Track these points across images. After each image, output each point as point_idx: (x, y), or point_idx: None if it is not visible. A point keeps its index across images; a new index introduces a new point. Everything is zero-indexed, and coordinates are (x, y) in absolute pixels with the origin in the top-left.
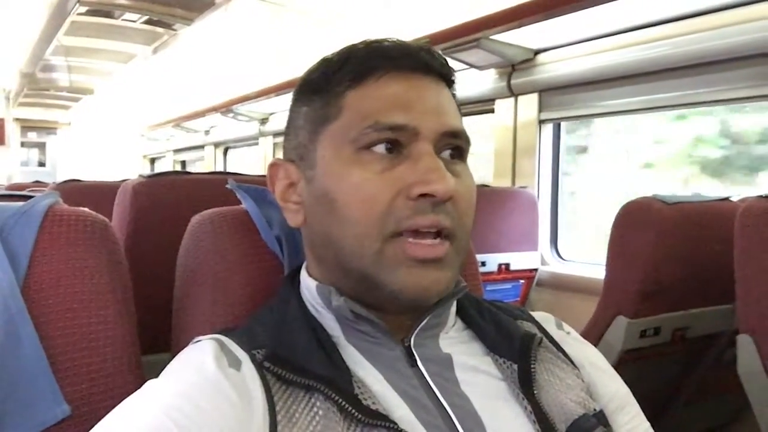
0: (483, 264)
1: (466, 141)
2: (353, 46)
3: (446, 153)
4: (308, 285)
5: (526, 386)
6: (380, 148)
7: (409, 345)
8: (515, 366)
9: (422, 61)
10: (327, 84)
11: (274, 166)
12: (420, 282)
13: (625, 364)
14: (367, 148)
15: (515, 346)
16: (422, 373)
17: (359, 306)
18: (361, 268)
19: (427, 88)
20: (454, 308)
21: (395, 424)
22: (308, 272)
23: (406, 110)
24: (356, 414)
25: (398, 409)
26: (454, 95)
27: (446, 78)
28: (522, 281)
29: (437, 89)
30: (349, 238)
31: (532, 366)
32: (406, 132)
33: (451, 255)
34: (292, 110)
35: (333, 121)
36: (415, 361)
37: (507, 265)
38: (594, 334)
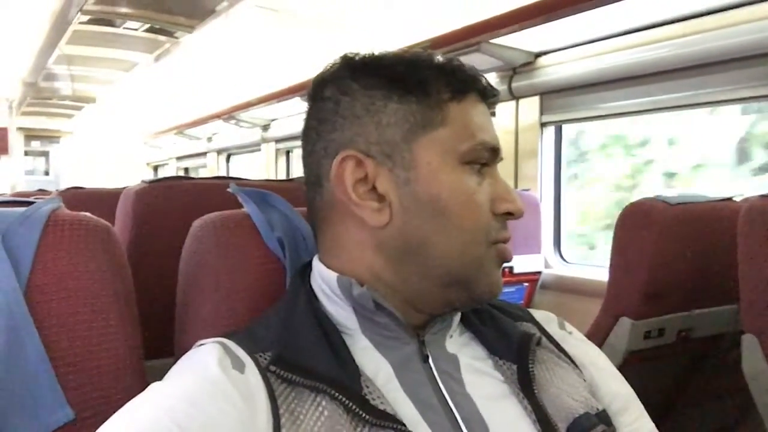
0: None
1: None
2: (434, 57)
3: None
4: (326, 277)
5: (525, 386)
6: (477, 164)
7: (423, 340)
8: (515, 367)
9: (487, 90)
10: (426, 88)
11: (347, 158)
12: (499, 281)
13: (630, 366)
14: (467, 162)
15: (514, 347)
16: (432, 371)
17: (381, 297)
18: (459, 272)
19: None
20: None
21: (403, 424)
22: (326, 265)
23: (491, 134)
24: (363, 414)
25: (405, 407)
26: None
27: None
28: (526, 284)
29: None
30: (456, 244)
31: (530, 366)
32: (494, 154)
33: None
34: (369, 100)
35: (437, 128)
36: (427, 357)
37: (510, 268)
38: (598, 335)
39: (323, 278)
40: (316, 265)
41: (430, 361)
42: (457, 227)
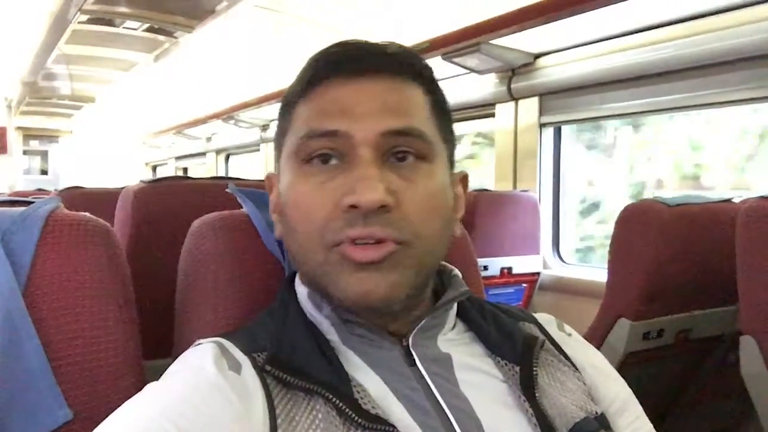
0: (485, 268)
1: (422, 138)
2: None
3: (397, 155)
4: (301, 292)
5: (527, 389)
6: (318, 158)
7: (407, 345)
8: (517, 368)
9: (365, 64)
10: (286, 98)
11: (268, 178)
12: (361, 287)
13: (628, 367)
14: (308, 160)
15: (517, 349)
16: (421, 374)
17: (349, 312)
18: (314, 277)
19: (370, 90)
20: (454, 311)
21: (394, 427)
22: (300, 279)
23: (340, 116)
24: (356, 418)
25: (396, 411)
26: (433, 92)
27: (409, 75)
28: (524, 285)
29: (385, 89)
30: (300, 250)
31: (534, 369)
32: (340, 138)
33: (399, 258)
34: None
35: (287, 134)
36: (414, 361)
37: (509, 269)
38: (597, 336)
39: (300, 292)
40: (297, 278)
41: (418, 363)
42: (296, 232)
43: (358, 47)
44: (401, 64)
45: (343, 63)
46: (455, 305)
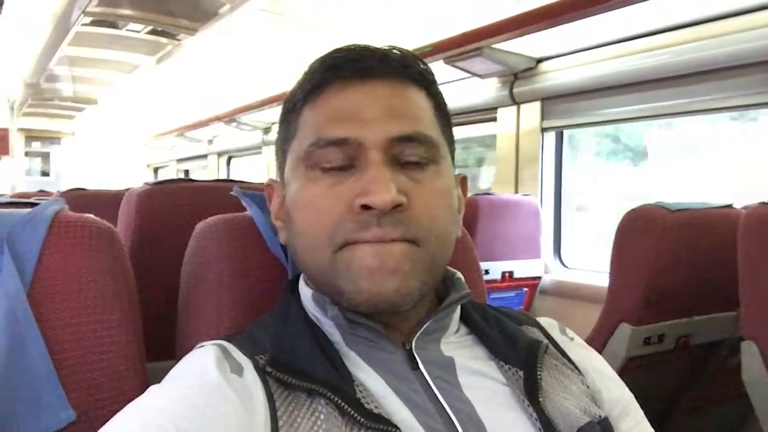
0: (486, 272)
1: (429, 142)
2: (327, 57)
3: (406, 158)
4: (305, 293)
5: (531, 393)
6: (329, 164)
7: (410, 348)
8: (521, 373)
9: (368, 66)
10: (290, 103)
11: (269, 186)
12: (375, 288)
13: (629, 372)
14: (313, 166)
15: (521, 353)
16: (424, 377)
17: (354, 313)
18: (322, 275)
19: (375, 95)
20: (457, 314)
21: (397, 427)
22: (305, 281)
23: (348, 122)
24: (358, 417)
25: (400, 412)
26: (435, 94)
27: (411, 78)
28: (526, 289)
29: (390, 93)
30: (307, 253)
31: (538, 374)
32: (350, 145)
33: (412, 260)
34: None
35: (293, 140)
36: (417, 364)
37: (511, 272)
38: (598, 341)
39: (304, 295)
40: (301, 280)
41: (421, 366)
42: (302, 236)
43: (360, 51)
44: (404, 67)
45: (347, 67)
46: (458, 308)
